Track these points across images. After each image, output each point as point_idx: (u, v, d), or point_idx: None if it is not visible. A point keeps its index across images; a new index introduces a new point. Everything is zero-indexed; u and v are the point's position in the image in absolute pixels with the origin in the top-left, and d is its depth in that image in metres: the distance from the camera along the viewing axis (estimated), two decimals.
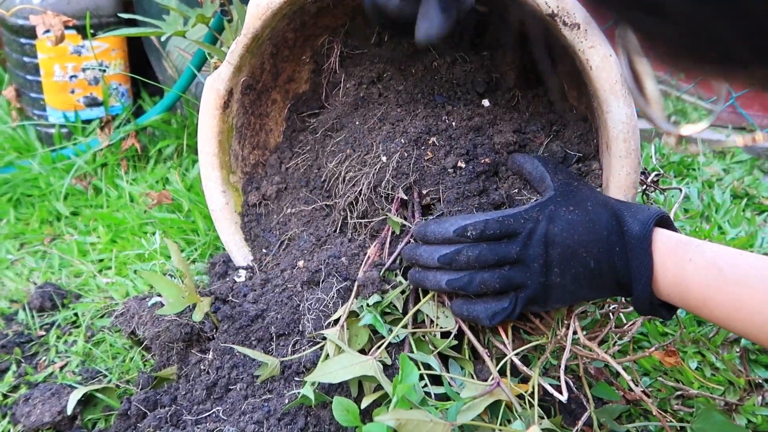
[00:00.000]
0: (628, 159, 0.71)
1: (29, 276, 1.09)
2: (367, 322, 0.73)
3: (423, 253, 0.70)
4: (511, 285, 0.66)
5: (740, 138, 1.44)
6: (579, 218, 0.65)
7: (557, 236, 0.64)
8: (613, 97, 0.69)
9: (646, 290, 0.62)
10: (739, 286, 0.57)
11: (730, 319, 0.59)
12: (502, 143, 0.80)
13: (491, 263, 0.65)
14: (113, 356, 0.91)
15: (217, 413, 0.74)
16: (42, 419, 0.78)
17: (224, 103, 0.88)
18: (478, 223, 0.66)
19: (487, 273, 0.66)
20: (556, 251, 0.64)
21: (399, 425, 0.57)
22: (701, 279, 0.60)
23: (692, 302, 0.61)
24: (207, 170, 0.91)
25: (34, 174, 1.30)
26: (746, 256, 0.59)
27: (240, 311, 0.81)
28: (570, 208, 0.66)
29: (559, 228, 0.64)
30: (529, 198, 0.77)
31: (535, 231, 0.65)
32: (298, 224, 0.89)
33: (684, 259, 0.61)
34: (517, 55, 0.90)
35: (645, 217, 0.63)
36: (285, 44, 0.91)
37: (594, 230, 0.64)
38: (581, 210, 0.66)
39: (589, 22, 0.68)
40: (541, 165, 0.74)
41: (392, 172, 0.79)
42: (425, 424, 0.58)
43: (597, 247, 0.63)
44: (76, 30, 1.34)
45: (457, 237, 0.67)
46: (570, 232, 0.64)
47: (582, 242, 0.64)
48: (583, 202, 0.67)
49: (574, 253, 0.64)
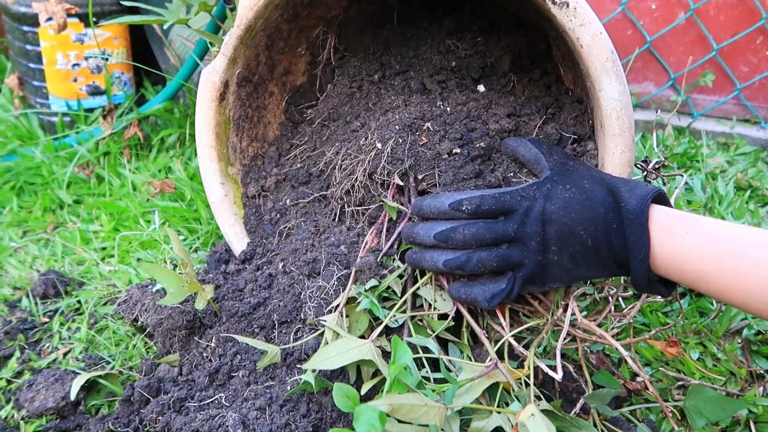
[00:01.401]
0: (621, 137, 0.71)
1: (32, 263, 1.09)
2: (365, 306, 0.73)
3: (420, 230, 0.69)
4: (509, 264, 0.65)
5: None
6: (576, 196, 0.64)
7: (554, 214, 0.64)
8: (604, 75, 0.69)
9: (643, 266, 0.61)
10: (737, 258, 0.57)
11: (728, 291, 0.58)
12: (496, 129, 0.80)
13: (488, 241, 0.65)
14: (116, 343, 0.92)
15: (219, 400, 0.74)
16: (46, 404, 0.78)
17: (220, 95, 0.87)
18: (474, 197, 0.66)
19: (485, 252, 0.65)
20: (553, 229, 0.64)
21: (392, 410, 0.56)
22: (698, 252, 0.59)
23: (690, 275, 0.60)
24: (205, 162, 0.91)
25: (36, 162, 1.30)
26: (744, 229, 0.59)
27: (242, 299, 0.82)
28: (567, 187, 0.66)
29: (556, 206, 0.64)
30: (526, 180, 0.77)
31: (532, 209, 0.65)
32: (297, 214, 0.89)
33: (681, 233, 0.60)
34: (511, 40, 0.90)
35: (642, 193, 0.62)
36: (279, 36, 0.91)
37: (591, 207, 0.63)
38: (578, 188, 0.65)
39: (578, 1, 0.68)
40: (534, 147, 0.74)
41: (387, 158, 0.79)
42: (419, 408, 0.58)
43: (594, 225, 0.63)
44: (78, 18, 1.33)
45: (453, 211, 0.66)
46: (567, 209, 0.64)
47: (579, 220, 0.63)
48: (579, 180, 0.66)
49: (571, 231, 0.63)
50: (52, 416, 0.80)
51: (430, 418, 0.58)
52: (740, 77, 1.51)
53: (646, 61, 1.56)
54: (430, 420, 0.58)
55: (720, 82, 1.53)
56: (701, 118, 1.57)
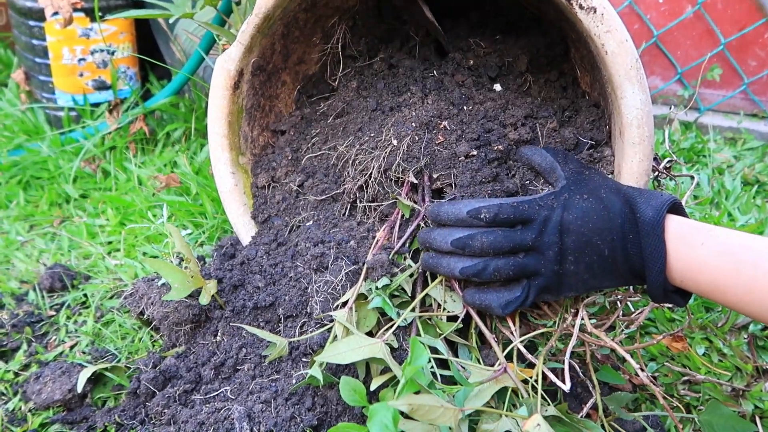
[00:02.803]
0: (641, 146, 0.70)
1: (39, 257, 1.09)
2: (376, 305, 0.73)
3: (437, 236, 0.69)
4: (525, 272, 0.65)
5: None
6: (593, 206, 0.64)
7: (572, 224, 0.64)
8: (627, 83, 0.69)
9: (660, 277, 0.62)
10: (753, 269, 0.57)
11: (743, 302, 0.58)
12: (515, 139, 0.80)
13: (506, 250, 0.65)
14: (122, 336, 0.92)
15: (225, 393, 0.75)
16: (53, 397, 0.79)
17: (234, 84, 0.87)
18: (492, 206, 0.65)
19: (502, 260, 0.65)
20: (571, 239, 0.64)
21: (411, 410, 0.57)
22: (714, 263, 0.59)
23: (705, 287, 0.60)
24: (216, 151, 0.91)
25: (43, 157, 1.31)
26: (759, 240, 0.59)
27: (248, 293, 0.82)
28: (584, 196, 0.66)
29: (573, 216, 0.64)
30: (542, 189, 0.77)
31: (551, 218, 0.64)
32: (307, 207, 0.89)
33: (696, 244, 0.60)
34: (529, 39, 0.89)
35: (658, 204, 0.62)
36: (296, 25, 0.91)
37: (608, 218, 0.63)
38: (595, 198, 0.65)
39: (605, 6, 0.67)
40: (550, 156, 0.73)
41: (403, 156, 0.79)
42: (436, 410, 0.59)
43: (611, 235, 0.63)
44: (84, 12, 1.34)
45: (470, 219, 0.66)
46: (584, 219, 0.64)
47: (596, 230, 0.63)
48: (596, 190, 0.66)
49: (589, 241, 0.63)
50: (59, 408, 0.80)
51: (446, 419, 0.59)
52: (748, 72, 1.50)
53: (653, 56, 1.55)
54: (446, 421, 0.59)
55: (727, 77, 1.52)
56: (708, 113, 1.56)
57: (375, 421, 0.56)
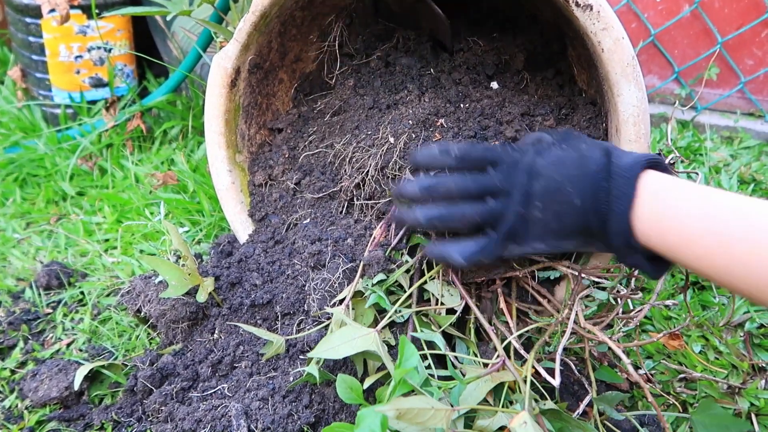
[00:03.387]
0: (637, 143, 0.71)
1: (36, 255, 1.09)
2: (373, 301, 0.73)
3: (407, 184, 0.66)
4: (492, 215, 0.62)
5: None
6: (569, 154, 0.62)
7: (544, 168, 0.61)
8: (624, 80, 0.69)
9: (623, 221, 0.57)
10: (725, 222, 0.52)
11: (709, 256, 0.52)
12: (511, 137, 0.80)
13: (473, 192, 0.63)
14: (119, 334, 0.92)
15: (222, 390, 0.75)
16: (49, 394, 0.79)
17: (231, 82, 0.87)
18: (463, 145, 0.64)
19: (468, 205, 0.63)
20: (540, 183, 0.61)
21: (399, 415, 0.55)
22: (684, 212, 0.54)
23: (672, 239, 0.55)
24: (213, 149, 0.91)
25: (39, 154, 1.30)
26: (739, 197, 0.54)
27: (245, 291, 0.82)
28: (562, 147, 0.63)
29: (546, 161, 0.61)
30: None
31: (521, 161, 0.62)
32: (304, 205, 0.89)
33: (667, 196, 0.56)
34: (526, 37, 0.89)
35: (639, 156, 0.59)
36: (293, 23, 0.91)
37: (582, 165, 0.60)
38: (574, 148, 0.62)
39: (602, 4, 0.67)
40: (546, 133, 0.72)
41: (400, 154, 0.79)
42: (426, 412, 0.57)
43: (583, 182, 0.59)
44: (81, 9, 1.33)
45: (441, 156, 0.64)
46: (557, 165, 0.61)
47: (569, 176, 0.60)
48: (578, 142, 0.64)
49: (559, 188, 0.60)
50: (56, 406, 0.80)
51: (437, 421, 0.57)
52: (745, 71, 1.50)
53: (651, 54, 1.56)
54: (437, 423, 0.57)
55: (724, 76, 1.52)
56: (705, 112, 1.56)
57: (363, 427, 0.54)
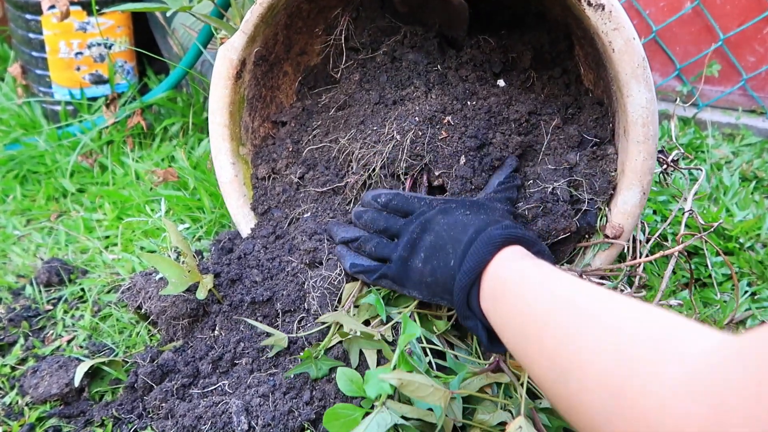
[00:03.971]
0: (645, 144, 0.70)
1: (36, 251, 1.09)
2: (370, 301, 0.73)
3: (353, 211, 0.80)
4: (382, 253, 0.71)
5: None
6: (464, 219, 0.66)
7: (437, 225, 0.67)
8: (634, 81, 0.68)
9: (467, 277, 0.58)
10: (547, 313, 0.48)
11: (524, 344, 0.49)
12: (518, 142, 0.79)
13: (380, 228, 0.73)
14: (120, 331, 0.92)
15: (222, 387, 0.74)
16: (50, 391, 0.79)
17: (237, 74, 0.87)
18: (390, 193, 0.75)
19: (373, 237, 0.73)
20: (430, 237, 0.66)
21: (401, 384, 0.58)
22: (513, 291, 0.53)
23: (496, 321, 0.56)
24: (217, 141, 0.91)
25: (40, 151, 1.30)
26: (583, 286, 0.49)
27: (245, 288, 0.82)
28: (466, 211, 0.68)
29: (444, 221, 0.67)
30: (545, 188, 0.77)
31: (423, 214, 0.69)
32: (308, 199, 0.89)
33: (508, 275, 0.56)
34: (534, 35, 0.89)
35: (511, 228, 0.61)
36: (299, 15, 0.90)
37: (466, 231, 0.63)
38: (474, 214, 0.67)
39: (613, 4, 0.67)
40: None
41: (406, 151, 0.78)
42: (426, 388, 0.59)
43: (460, 246, 0.62)
44: (81, 6, 1.33)
45: (371, 200, 0.76)
46: (450, 226, 0.66)
47: (452, 238, 0.64)
48: (483, 209, 0.69)
49: (443, 247, 0.64)
50: (56, 402, 0.80)
51: (435, 399, 0.59)
52: (747, 67, 1.50)
53: (652, 51, 1.55)
54: (436, 401, 0.59)
55: (726, 73, 1.52)
56: (707, 109, 1.56)
57: (371, 385, 0.59)
